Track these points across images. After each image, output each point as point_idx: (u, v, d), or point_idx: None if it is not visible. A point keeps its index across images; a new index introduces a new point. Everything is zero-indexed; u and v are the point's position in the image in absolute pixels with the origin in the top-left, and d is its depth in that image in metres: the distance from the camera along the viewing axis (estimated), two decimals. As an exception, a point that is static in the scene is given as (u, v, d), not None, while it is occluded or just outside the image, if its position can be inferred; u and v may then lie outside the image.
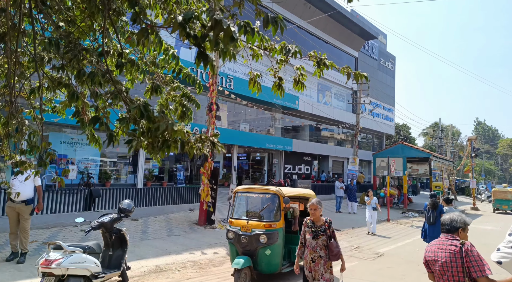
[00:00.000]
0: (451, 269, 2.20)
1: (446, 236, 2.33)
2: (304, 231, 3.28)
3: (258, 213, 4.27)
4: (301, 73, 2.50)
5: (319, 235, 3.18)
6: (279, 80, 2.56)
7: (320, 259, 3.14)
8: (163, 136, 1.50)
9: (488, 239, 9.04)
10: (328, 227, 3.24)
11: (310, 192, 5.24)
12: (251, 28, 1.41)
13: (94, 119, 1.70)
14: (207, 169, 7.54)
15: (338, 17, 23.63)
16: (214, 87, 7.71)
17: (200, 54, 1.51)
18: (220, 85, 16.39)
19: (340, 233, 8.78)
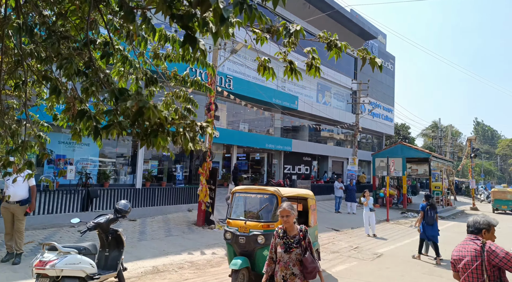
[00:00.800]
0: (471, 268, 2.33)
1: (470, 237, 2.50)
2: (274, 243, 2.70)
3: (256, 213, 4.24)
4: (313, 56, 2.32)
5: (292, 247, 2.60)
6: (290, 64, 2.35)
7: (293, 278, 2.57)
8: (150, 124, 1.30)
9: (487, 239, 9.01)
10: (303, 237, 2.65)
11: (308, 192, 5.21)
12: (248, 5, 1.24)
13: (80, 113, 1.54)
14: (206, 169, 7.50)
15: (338, 17, 23.61)
16: (213, 86, 7.67)
17: (187, 37, 1.33)
18: (219, 85, 16.39)
19: (339, 233, 8.74)
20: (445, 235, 9.38)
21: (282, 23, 2.07)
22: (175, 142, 1.43)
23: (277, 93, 19.90)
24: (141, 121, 1.29)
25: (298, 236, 2.67)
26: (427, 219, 6.32)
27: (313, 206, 5.18)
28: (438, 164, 15.06)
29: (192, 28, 1.32)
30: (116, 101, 1.37)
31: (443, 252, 7.04)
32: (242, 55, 18.86)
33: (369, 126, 27.88)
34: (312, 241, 5.28)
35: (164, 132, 1.34)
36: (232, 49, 7.69)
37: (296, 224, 2.74)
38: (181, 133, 1.39)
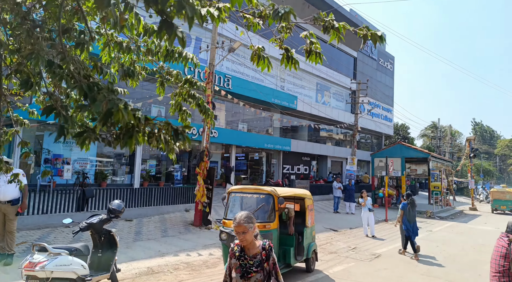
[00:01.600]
0: (496, 262, 2.67)
1: (502, 234, 2.84)
2: (229, 263, 2.08)
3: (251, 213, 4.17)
4: (311, 41, 2.16)
5: (251, 272, 1.97)
6: (287, 52, 2.18)
7: None
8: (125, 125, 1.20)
9: (486, 239, 8.96)
10: (266, 257, 1.98)
11: (306, 192, 5.14)
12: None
13: (47, 109, 1.40)
14: (203, 169, 7.43)
15: (337, 16, 23.46)
16: (210, 85, 7.60)
17: (163, 22, 1.23)
18: (217, 84, 16.31)
19: (338, 233, 8.68)
20: (443, 235, 9.33)
21: (270, 5, 1.92)
22: (150, 143, 1.33)
23: (276, 93, 19.85)
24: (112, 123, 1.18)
25: (260, 256, 1.98)
26: (408, 217, 6.50)
27: (310, 206, 5.12)
28: (437, 164, 15.02)
29: (168, 14, 1.24)
30: (85, 97, 1.27)
31: (441, 252, 6.99)
32: (241, 54, 18.79)
33: (368, 126, 27.84)
34: (309, 242, 5.26)
35: (139, 133, 1.25)
36: (229, 48, 7.62)
37: (258, 239, 2.08)
38: (156, 135, 1.29)
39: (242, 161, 22.43)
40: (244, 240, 1.99)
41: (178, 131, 1.35)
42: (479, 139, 67.23)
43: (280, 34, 2.16)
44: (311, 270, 4.98)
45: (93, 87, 1.28)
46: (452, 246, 7.82)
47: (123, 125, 1.20)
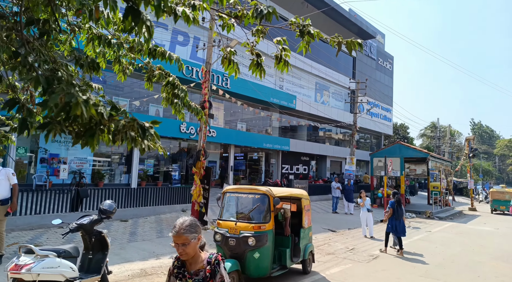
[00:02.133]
0: None
1: None
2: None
3: (247, 214, 4.08)
4: (283, 48, 2.09)
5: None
6: (257, 57, 2.14)
7: None
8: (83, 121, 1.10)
9: (485, 240, 8.89)
10: (211, 274, 1.62)
11: (302, 192, 5.05)
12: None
13: (10, 102, 1.29)
14: (200, 169, 7.34)
15: (336, 16, 23.50)
16: (207, 84, 7.51)
17: (129, 9, 1.17)
18: (216, 83, 16.22)
19: (336, 234, 8.60)
20: (443, 236, 9.25)
21: (252, 3, 1.84)
22: (115, 142, 1.22)
23: (275, 92, 19.77)
24: (71, 118, 1.08)
25: (204, 272, 1.62)
26: (396, 215, 6.66)
27: (307, 207, 5.03)
28: (437, 164, 14.95)
29: (135, 0, 1.15)
30: (44, 92, 1.17)
31: (440, 253, 6.91)
32: (240, 54, 18.70)
33: (368, 126, 27.79)
34: (306, 243, 5.17)
35: (104, 130, 1.15)
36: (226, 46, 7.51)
37: (204, 251, 1.73)
38: (122, 132, 1.18)
39: (241, 161, 22.35)
40: (184, 253, 1.60)
41: (145, 128, 1.24)
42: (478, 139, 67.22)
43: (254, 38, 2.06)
44: (308, 272, 4.89)
45: (53, 80, 1.18)
46: (451, 247, 7.74)
47: (84, 121, 1.11)
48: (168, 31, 15.27)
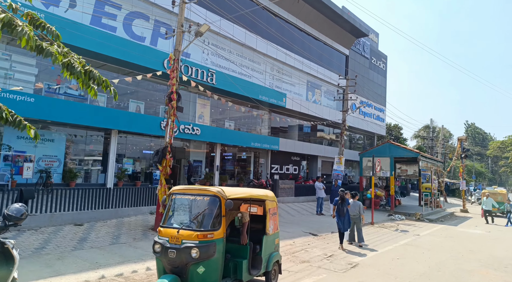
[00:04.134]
0: None
1: None
2: None
3: (192, 220, 3.44)
4: None
5: None
6: None
7: None
8: None
9: (476, 245, 8.37)
10: None
11: (267, 193, 4.42)
12: None
13: None
14: (165, 167, 6.68)
15: (328, 12, 23.00)
16: (175, 74, 6.84)
17: None
18: (200, 79, 15.54)
19: (317, 238, 8.00)
20: (431, 240, 8.71)
21: None
22: None
23: (264, 90, 19.13)
24: None
25: None
26: (338, 212, 7.00)
27: (273, 210, 4.41)
28: (427, 164, 14.48)
29: None
30: None
31: (426, 260, 6.35)
32: (227, 49, 18.07)
33: (360, 126, 27.34)
34: (270, 252, 4.54)
35: None
36: (196, 31, 6.88)
37: None
38: None
39: (229, 161, 21.70)
40: None
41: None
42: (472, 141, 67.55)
43: None
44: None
45: None
46: (439, 252, 7.19)
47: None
48: (150, 22, 14.53)
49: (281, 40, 20.15)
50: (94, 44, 11.32)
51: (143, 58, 13.11)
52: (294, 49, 21.32)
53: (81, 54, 12.90)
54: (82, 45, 11.06)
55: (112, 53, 11.74)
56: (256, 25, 18.24)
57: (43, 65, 11.43)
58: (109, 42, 11.63)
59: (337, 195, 11.81)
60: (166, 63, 14.10)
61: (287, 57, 21.06)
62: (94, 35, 11.29)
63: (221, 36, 17.33)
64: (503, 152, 55.09)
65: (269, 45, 19.62)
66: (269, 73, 20.88)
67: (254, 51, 19.20)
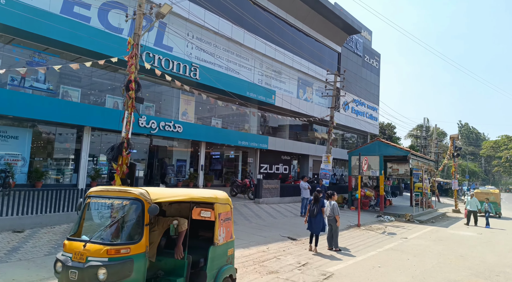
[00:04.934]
0: None
1: None
2: None
3: (103, 230, 2.72)
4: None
5: None
6: None
7: None
8: None
9: (466, 249, 7.77)
10: None
11: (216, 194, 3.71)
12: None
13: None
14: (121, 165, 5.95)
15: (320, 8, 22.39)
16: (135, 60, 6.11)
17: None
18: (183, 73, 14.80)
19: (295, 243, 7.33)
20: (419, 244, 8.09)
21: None
22: None
23: (252, 86, 18.43)
24: None
25: None
26: (310, 212, 6.71)
27: (224, 214, 3.71)
28: (418, 163, 13.92)
29: None
30: None
31: (411, 268, 5.71)
32: (213, 43, 17.33)
33: (353, 125, 26.81)
34: (220, 266, 3.79)
35: None
36: (157, 13, 6.15)
37: None
38: None
39: (217, 160, 20.97)
40: None
41: None
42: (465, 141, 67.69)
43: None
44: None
45: None
46: (426, 258, 6.56)
47: None
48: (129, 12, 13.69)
49: (270, 36, 19.47)
50: (66, 35, 10.53)
51: (121, 50, 12.32)
52: (284, 45, 20.65)
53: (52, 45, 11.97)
54: (52, 35, 10.28)
55: (86, 45, 10.94)
56: (243, 19, 17.52)
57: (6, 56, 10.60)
58: (83, 32, 10.81)
59: (322, 196, 11.22)
60: (145, 56, 13.34)
61: (277, 53, 20.38)
62: (65, 25, 10.50)
63: (205, 29, 16.58)
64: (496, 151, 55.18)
65: (257, 40, 18.92)
66: (258, 69, 20.18)
67: (242, 46, 18.49)
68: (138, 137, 14.80)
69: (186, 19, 15.31)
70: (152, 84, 16.15)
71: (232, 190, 13.55)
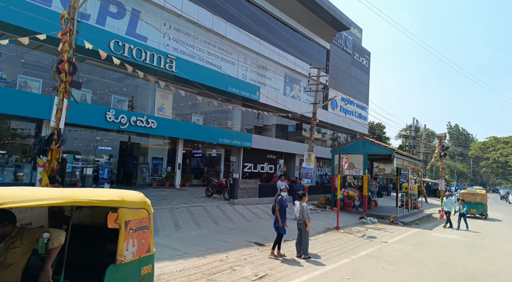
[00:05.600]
0: None
1: None
2: None
3: None
4: None
5: None
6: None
7: None
8: None
9: (448, 254, 7.13)
10: None
11: (123, 196, 2.87)
12: None
13: None
14: (50, 160, 5.05)
15: (308, 2, 21.71)
16: (70, 38, 5.21)
17: None
18: (157, 65, 13.86)
19: (261, 249, 6.55)
20: (398, 249, 7.41)
21: None
22: None
23: (235, 81, 17.58)
24: None
25: None
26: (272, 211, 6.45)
27: (136, 222, 2.89)
28: (404, 163, 13.35)
29: None
30: None
31: (385, 280, 4.98)
32: (192, 34, 16.42)
33: (341, 124, 26.28)
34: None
35: None
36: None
37: None
38: None
39: (198, 159, 20.08)
40: None
41: None
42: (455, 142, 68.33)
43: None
44: None
45: None
46: (404, 267, 5.87)
47: None
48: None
49: (255, 29, 18.66)
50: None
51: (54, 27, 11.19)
52: (270, 39, 19.88)
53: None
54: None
55: (14, 21, 9.35)
56: (225, 10, 16.65)
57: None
58: (7, 3, 9.17)
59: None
60: (113, 44, 12.36)
61: (262, 47, 19.60)
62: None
63: (184, 19, 15.67)
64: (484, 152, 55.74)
65: (240, 32, 18.09)
66: (242, 64, 19.35)
67: (224, 39, 17.63)
68: (104, 132, 13.79)
69: (161, 7, 14.36)
70: (126, 77, 15.18)
71: (208, 190, 12.71)
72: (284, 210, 6.34)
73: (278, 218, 6.17)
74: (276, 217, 6.21)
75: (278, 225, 6.15)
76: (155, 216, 8.28)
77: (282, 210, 6.29)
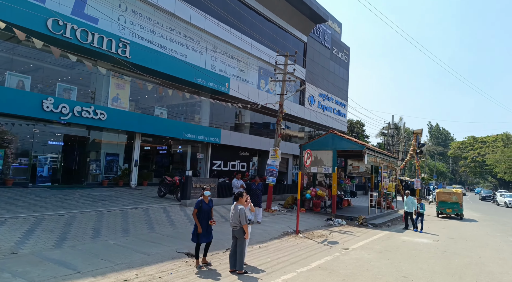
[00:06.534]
0: None
1: None
2: None
3: None
4: None
5: None
6: None
7: None
8: None
9: (414, 263, 6.10)
10: None
11: None
12: None
13: None
14: None
15: (290, -3, 20.59)
16: None
17: None
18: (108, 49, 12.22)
19: (190, 262, 5.28)
20: (358, 258, 6.31)
21: None
22: None
23: (202, 71, 16.11)
24: None
25: None
26: None
27: None
28: (376, 160, 12.45)
29: None
30: None
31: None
32: (152, 18, 14.87)
33: (318, 120, 25.40)
34: None
35: None
36: None
37: None
38: None
39: (163, 155, 18.53)
40: None
41: None
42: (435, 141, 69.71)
43: None
44: None
45: None
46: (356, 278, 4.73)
47: None
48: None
49: (224, 16, 17.33)
50: None
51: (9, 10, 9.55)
52: (242, 28, 18.60)
53: None
54: None
55: None
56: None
57: None
58: None
59: (256, 195, 9.31)
60: (51, 23, 10.69)
61: (232, 36, 18.28)
62: None
63: (141, 1, 14.12)
64: (463, 152, 56.96)
65: (207, 19, 16.69)
66: (211, 53, 17.96)
67: (188, 24, 16.16)
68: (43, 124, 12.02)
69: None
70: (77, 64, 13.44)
71: (160, 190, 11.28)
72: (205, 213, 5.09)
73: (197, 224, 4.93)
74: (195, 223, 4.97)
75: (196, 232, 4.96)
76: (72, 221, 6.80)
77: (203, 213, 5.05)
